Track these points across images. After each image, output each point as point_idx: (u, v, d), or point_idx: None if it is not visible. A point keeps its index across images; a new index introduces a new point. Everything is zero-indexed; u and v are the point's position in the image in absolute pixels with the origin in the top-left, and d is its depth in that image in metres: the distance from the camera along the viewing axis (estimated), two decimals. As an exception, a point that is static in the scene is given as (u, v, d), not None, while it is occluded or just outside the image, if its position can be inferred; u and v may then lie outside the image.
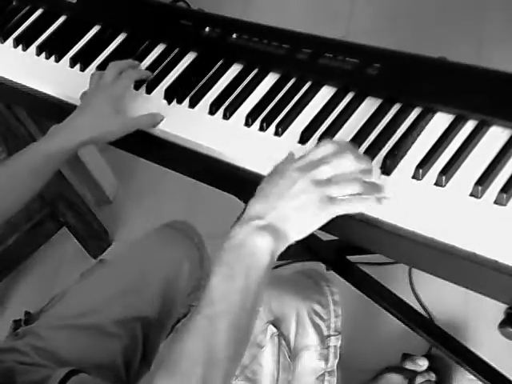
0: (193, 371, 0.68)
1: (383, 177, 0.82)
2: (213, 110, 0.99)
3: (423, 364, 1.37)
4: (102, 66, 1.13)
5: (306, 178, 0.76)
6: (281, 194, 0.76)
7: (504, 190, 0.75)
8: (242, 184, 0.93)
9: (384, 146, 0.85)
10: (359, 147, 0.86)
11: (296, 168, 0.77)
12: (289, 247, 0.76)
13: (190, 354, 0.69)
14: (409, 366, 1.38)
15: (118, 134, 1.00)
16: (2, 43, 1.27)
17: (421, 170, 0.80)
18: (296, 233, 0.76)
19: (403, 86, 0.89)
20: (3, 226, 1.03)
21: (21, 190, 1.01)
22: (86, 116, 0.99)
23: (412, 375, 1.37)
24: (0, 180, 0.99)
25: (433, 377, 1.37)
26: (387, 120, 0.88)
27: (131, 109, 1.03)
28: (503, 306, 1.33)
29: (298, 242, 0.77)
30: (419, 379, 1.36)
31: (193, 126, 0.99)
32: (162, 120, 1.01)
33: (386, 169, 0.82)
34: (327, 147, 0.78)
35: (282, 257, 0.77)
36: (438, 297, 1.50)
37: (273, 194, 0.76)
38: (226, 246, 0.74)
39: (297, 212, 0.75)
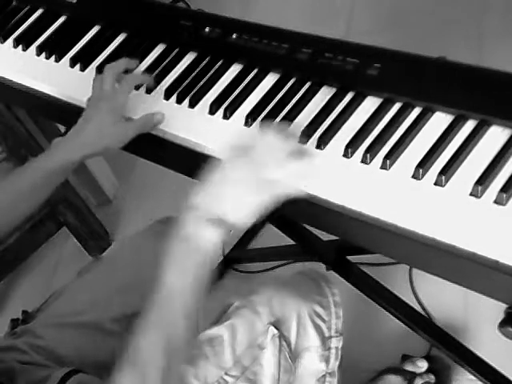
0: (154, 363, 0.71)
1: (383, 173, 0.82)
2: (213, 109, 0.99)
3: (422, 365, 1.37)
4: (101, 66, 1.12)
5: (244, 165, 0.79)
6: (222, 183, 0.79)
7: (504, 189, 0.75)
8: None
9: (384, 145, 0.85)
10: (359, 147, 0.86)
11: (235, 156, 0.80)
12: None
13: (150, 347, 0.72)
14: (408, 367, 1.38)
15: (120, 145, 1.00)
16: (2, 43, 1.27)
17: (421, 170, 0.80)
18: (240, 221, 0.78)
19: (403, 86, 0.89)
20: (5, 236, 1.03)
21: (22, 205, 1.01)
22: (89, 131, 0.99)
23: (411, 376, 1.37)
24: (1, 196, 0.99)
25: (432, 379, 1.37)
26: (387, 120, 0.88)
27: (131, 109, 1.03)
28: (503, 306, 1.33)
29: (298, 242, 0.77)
30: (418, 381, 1.36)
31: (193, 125, 0.99)
32: (163, 118, 1.00)
33: (386, 168, 0.82)
34: (263, 133, 0.82)
35: (281, 257, 0.77)
36: (438, 297, 1.50)
37: (215, 184, 0.79)
38: (174, 239, 0.77)
39: (239, 201, 0.78)
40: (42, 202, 1.03)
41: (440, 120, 0.85)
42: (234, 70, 1.03)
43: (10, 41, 1.26)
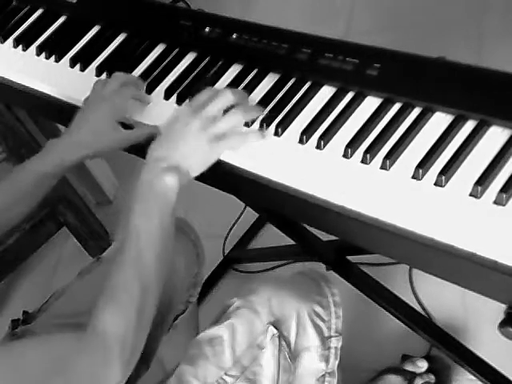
0: (131, 298, 0.80)
1: (383, 173, 0.82)
2: (213, 110, 0.99)
3: (422, 365, 1.37)
4: (102, 66, 1.13)
5: (196, 120, 0.88)
6: (178, 136, 0.88)
7: (504, 189, 0.75)
8: (240, 184, 0.93)
9: (384, 145, 0.85)
10: (359, 147, 0.86)
11: (188, 111, 0.90)
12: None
13: (126, 284, 0.81)
14: (408, 367, 1.38)
15: (114, 150, 1.02)
16: (2, 43, 1.27)
17: (420, 170, 0.80)
18: (194, 170, 0.88)
19: (403, 86, 0.89)
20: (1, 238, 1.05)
21: (17, 207, 1.02)
22: (84, 134, 0.99)
23: (411, 376, 1.37)
24: None
25: (432, 379, 1.37)
26: (387, 120, 0.88)
27: (131, 109, 1.03)
28: (503, 306, 1.32)
29: (298, 242, 0.77)
30: (418, 381, 1.36)
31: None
32: (156, 132, 0.98)
33: (386, 168, 0.82)
34: (212, 90, 0.91)
35: (281, 257, 0.77)
36: (438, 297, 1.50)
37: (171, 137, 0.89)
38: (138, 188, 0.86)
39: (192, 152, 0.88)
40: (38, 203, 1.04)
41: (440, 120, 0.85)
42: (234, 70, 1.03)
43: (10, 41, 1.26)
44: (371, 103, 0.90)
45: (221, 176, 0.95)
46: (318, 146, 0.88)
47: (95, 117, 1.00)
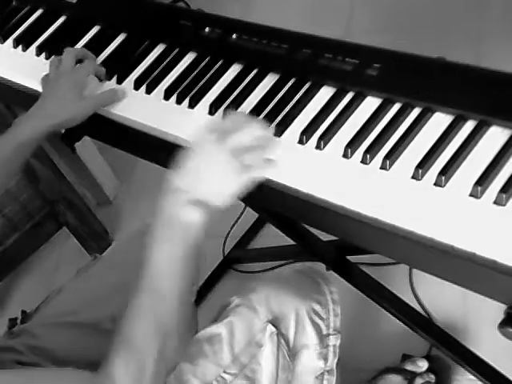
0: (148, 345, 0.73)
1: (383, 173, 0.82)
2: (212, 110, 0.99)
3: (423, 365, 1.37)
4: (101, 66, 1.13)
5: (221, 149, 0.81)
6: (202, 166, 0.82)
7: (503, 190, 0.75)
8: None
9: (384, 145, 0.85)
10: (359, 147, 0.86)
11: (212, 140, 0.82)
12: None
13: (143, 330, 0.74)
14: (408, 366, 1.38)
15: (82, 118, 1.04)
16: (2, 43, 1.27)
17: (420, 170, 0.80)
18: (220, 202, 0.81)
19: (403, 86, 0.89)
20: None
21: None
22: (52, 102, 1.03)
23: (411, 376, 1.37)
24: None
25: (432, 378, 1.37)
26: (387, 120, 0.88)
27: (131, 110, 1.03)
28: (503, 306, 1.32)
29: (298, 242, 0.77)
30: (418, 380, 1.36)
31: (192, 126, 0.99)
32: (123, 98, 1.05)
33: (386, 168, 0.82)
34: (235, 119, 0.86)
35: (281, 257, 0.78)
36: (438, 297, 1.50)
37: (195, 167, 0.82)
38: (158, 222, 0.80)
39: (218, 183, 0.82)
40: (15, 175, 1.08)
41: (440, 120, 0.85)
42: (234, 70, 1.03)
43: (10, 41, 1.26)
44: (371, 103, 0.90)
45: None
46: (318, 146, 0.88)
47: (59, 91, 1.04)
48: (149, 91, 1.06)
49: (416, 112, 0.87)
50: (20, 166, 1.06)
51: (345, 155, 0.86)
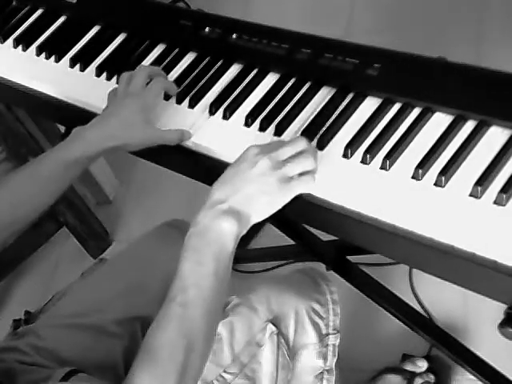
0: (173, 358, 0.71)
1: (383, 173, 0.82)
2: (212, 110, 0.99)
3: (422, 365, 1.37)
4: (102, 66, 1.13)
5: (265, 160, 0.80)
6: (242, 177, 0.80)
7: (503, 190, 0.75)
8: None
9: (384, 145, 0.85)
10: (359, 147, 0.86)
11: (256, 151, 0.81)
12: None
13: (168, 343, 0.72)
14: (408, 366, 1.38)
15: (142, 146, 0.97)
16: (2, 43, 1.27)
17: (420, 170, 0.80)
18: (258, 215, 0.79)
19: (403, 86, 0.89)
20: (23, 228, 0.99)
21: (40, 197, 0.97)
22: (113, 125, 0.95)
23: (411, 376, 1.37)
24: (20, 187, 0.96)
25: (432, 378, 1.37)
26: (387, 120, 0.88)
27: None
28: (503, 306, 1.33)
29: (298, 242, 0.77)
30: (418, 380, 1.36)
31: (192, 126, 0.99)
32: (189, 138, 0.97)
33: (386, 168, 0.82)
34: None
35: (281, 257, 0.78)
36: (438, 297, 1.50)
37: (234, 178, 0.80)
38: (192, 232, 0.78)
39: (258, 194, 0.79)
40: (60, 194, 0.98)
41: (440, 120, 0.85)
42: (234, 70, 1.03)
43: (10, 41, 1.26)
44: (371, 103, 0.90)
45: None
46: (318, 147, 0.88)
47: (126, 111, 0.95)
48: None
49: (416, 112, 0.87)
50: (68, 184, 0.98)
51: (345, 155, 0.86)
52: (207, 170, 0.97)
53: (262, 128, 0.94)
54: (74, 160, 0.95)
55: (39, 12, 1.30)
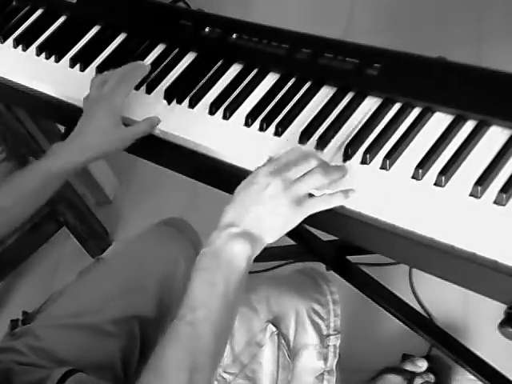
0: (178, 377, 0.70)
1: (383, 173, 0.82)
2: (213, 110, 0.99)
3: (422, 365, 1.37)
4: (102, 66, 1.13)
5: (276, 181, 0.78)
6: (254, 198, 0.79)
7: (503, 190, 0.75)
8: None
9: (384, 145, 0.85)
10: (359, 147, 0.86)
11: (267, 172, 0.80)
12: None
13: (174, 361, 0.71)
14: (408, 366, 1.38)
15: (120, 148, 1.00)
16: (2, 43, 1.27)
17: (420, 170, 0.80)
18: (271, 236, 0.78)
19: (403, 86, 0.89)
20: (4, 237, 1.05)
21: (22, 207, 1.01)
22: (90, 136, 0.98)
23: (411, 376, 1.37)
24: (2, 199, 0.99)
25: (432, 378, 1.37)
26: (387, 120, 0.88)
27: (131, 110, 1.03)
28: (503, 306, 1.33)
29: (298, 242, 0.77)
30: (418, 380, 1.36)
31: (192, 126, 0.99)
32: (158, 122, 1.00)
33: (386, 168, 0.82)
34: (294, 151, 0.82)
35: (282, 257, 0.78)
36: (438, 297, 1.50)
37: (246, 199, 0.79)
38: (204, 252, 0.77)
39: (270, 216, 0.78)
40: (42, 204, 1.03)
41: (440, 120, 0.85)
42: (234, 70, 1.03)
43: (10, 41, 1.26)
44: (371, 103, 0.90)
45: (222, 176, 0.95)
46: (318, 147, 0.88)
47: (98, 117, 0.99)
48: (149, 91, 1.06)
49: (416, 112, 0.87)
50: (49, 195, 1.02)
51: (345, 155, 0.86)
52: (207, 169, 0.97)
53: (262, 128, 0.94)
54: (54, 173, 0.98)
55: (39, 12, 1.30)
